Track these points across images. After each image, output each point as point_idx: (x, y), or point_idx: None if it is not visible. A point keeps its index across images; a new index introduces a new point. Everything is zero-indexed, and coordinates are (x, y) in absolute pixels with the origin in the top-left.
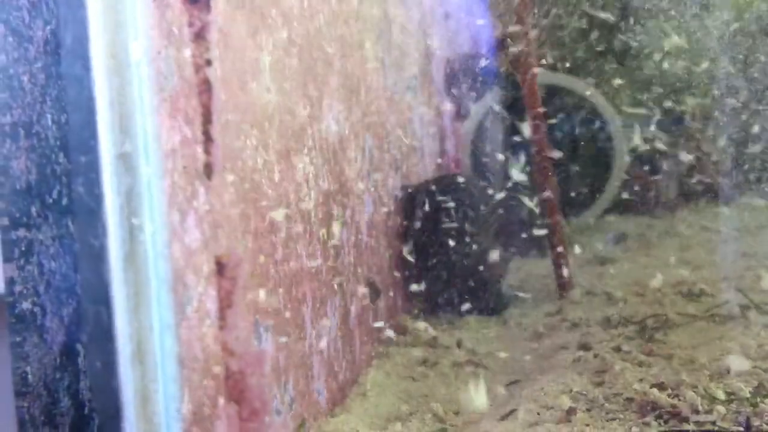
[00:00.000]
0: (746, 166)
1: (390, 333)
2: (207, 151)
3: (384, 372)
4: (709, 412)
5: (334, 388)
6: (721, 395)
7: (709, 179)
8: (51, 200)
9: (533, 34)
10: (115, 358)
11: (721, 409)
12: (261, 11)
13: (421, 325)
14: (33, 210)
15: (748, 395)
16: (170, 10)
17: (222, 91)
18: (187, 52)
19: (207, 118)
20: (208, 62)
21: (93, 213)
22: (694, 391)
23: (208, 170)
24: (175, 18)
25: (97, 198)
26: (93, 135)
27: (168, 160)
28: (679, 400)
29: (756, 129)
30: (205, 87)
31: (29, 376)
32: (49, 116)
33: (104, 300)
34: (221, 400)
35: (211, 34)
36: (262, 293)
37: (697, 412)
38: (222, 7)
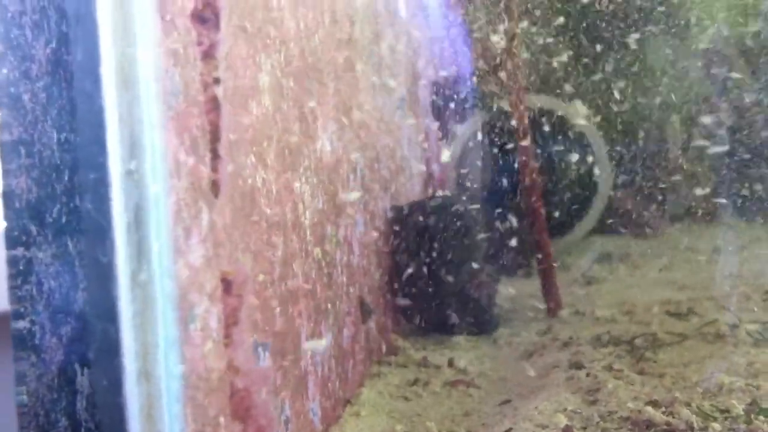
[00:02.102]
0: (729, 187)
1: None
2: (214, 169)
3: (376, 391)
4: (704, 429)
5: (329, 408)
6: (715, 413)
7: (692, 200)
8: (51, 219)
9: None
10: (122, 375)
11: (716, 426)
12: (260, 32)
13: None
14: (33, 228)
15: (742, 412)
16: (178, 29)
17: (228, 110)
18: (196, 70)
19: (215, 136)
20: (216, 80)
21: (102, 229)
22: (688, 409)
23: (215, 188)
24: (183, 36)
25: (106, 214)
26: (102, 151)
27: (174, 178)
28: (674, 417)
29: (738, 149)
30: (213, 105)
31: (28, 396)
32: (54, 133)
33: (111, 317)
34: (227, 418)
35: (220, 52)
36: (260, 312)
37: (692, 429)
38: (225, 27)
